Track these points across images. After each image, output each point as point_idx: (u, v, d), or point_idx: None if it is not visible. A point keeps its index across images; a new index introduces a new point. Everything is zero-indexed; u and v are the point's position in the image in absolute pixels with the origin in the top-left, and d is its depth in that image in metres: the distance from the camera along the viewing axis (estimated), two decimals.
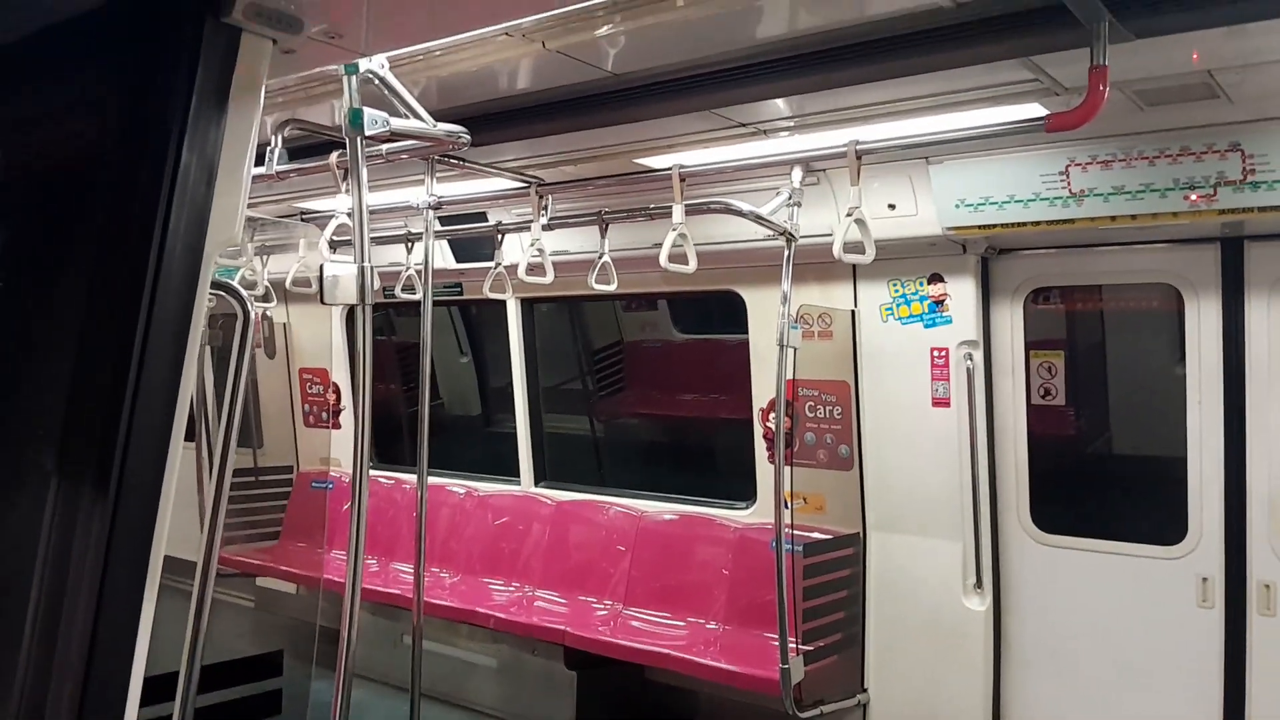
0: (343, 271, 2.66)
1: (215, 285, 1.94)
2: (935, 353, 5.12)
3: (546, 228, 5.17)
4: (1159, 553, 4.75)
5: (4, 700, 1.93)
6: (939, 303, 5.10)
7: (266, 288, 6.05)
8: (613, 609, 6.17)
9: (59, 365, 2.20)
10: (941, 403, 5.12)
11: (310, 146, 4.40)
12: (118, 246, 2.03)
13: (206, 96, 1.93)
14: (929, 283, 5.11)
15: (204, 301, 1.99)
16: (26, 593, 1.95)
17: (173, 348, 1.93)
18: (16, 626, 1.95)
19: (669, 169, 4.61)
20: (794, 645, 4.85)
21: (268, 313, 7.06)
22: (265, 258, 6.47)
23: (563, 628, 5.87)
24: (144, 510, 1.89)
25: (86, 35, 2.18)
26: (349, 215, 3.82)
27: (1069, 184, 4.38)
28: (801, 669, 4.88)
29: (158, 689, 1.92)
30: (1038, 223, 4.52)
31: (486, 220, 5.93)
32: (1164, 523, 4.76)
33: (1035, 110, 3.75)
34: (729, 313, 6.11)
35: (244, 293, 2.02)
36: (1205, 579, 4.63)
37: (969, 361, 5.06)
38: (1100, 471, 5.45)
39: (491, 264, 5.65)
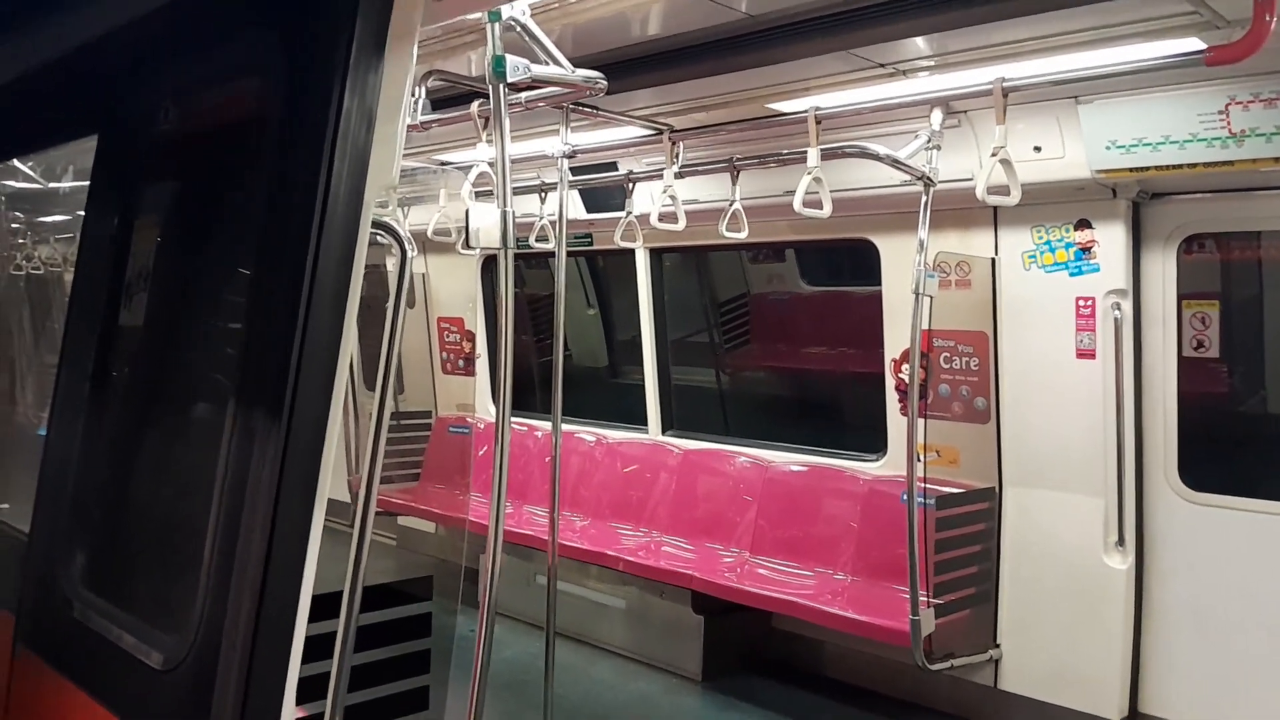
0: (485, 218, 2.73)
1: (375, 225, 2.02)
2: (1081, 302, 4.93)
3: (678, 175, 5.18)
4: None
5: (188, 612, 2.09)
6: (1086, 250, 4.89)
7: (408, 238, 6.24)
8: (740, 557, 6.22)
9: (233, 309, 2.34)
10: (1086, 354, 4.94)
11: (447, 98, 4.50)
12: (284, 193, 2.13)
13: (365, 45, 2.00)
14: (1076, 229, 4.91)
15: (364, 247, 2.07)
16: (208, 518, 2.10)
17: (336, 291, 2.02)
18: (199, 548, 2.10)
19: (803, 112, 4.54)
20: (925, 598, 4.81)
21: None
22: (406, 209, 6.67)
23: (690, 572, 5.96)
24: (312, 443, 2.00)
25: None
26: (489, 164, 3.92)
27: (1229, 123, 4.14)
28: (932, 621, 4.84)
29: (320, 608, 2.05)
30: (1194, 165, 4.28)
31: (616, 170, 5.97)
32: None
33: (1194, 44, 3.54)
34: (858, 264, 6.01)
35: (402, 232, 2.10)
36: None
37: (1117, 312, 4.85)
38: (1256, 427, 5.18)
39: (621, 214, 5.69)
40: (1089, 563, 5.01)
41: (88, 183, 2.95)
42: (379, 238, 2.13)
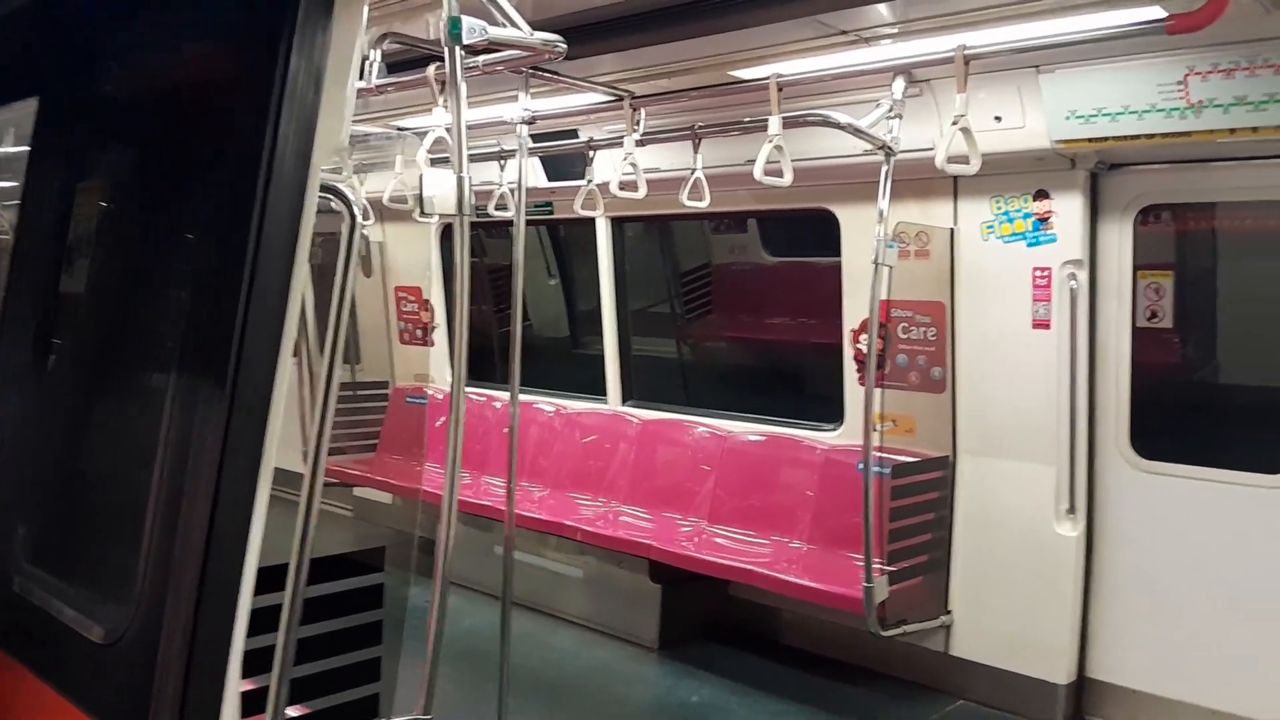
0: (442, 184, 2.68)
1: (323, 189, 1.96)
2: (1037, 273, 4.97)
3: (639, 143, 5.13)
4: (1269, 481, 4.57)
5: (130, 586, 2.04)
6: (1044, 220, 4.92)
7: (364, 206, 6.14)
8: (697, 526, 6.24)
9: (177, 275, 2.27)
10: (1042, 324, 4.98)
11: (404, 63, 4.40)
12: (229, 156, 2.07)
13: (313, 3, 1.93)
14: (1034, 199, 4.94)
15: (312, 210, 2.02)
16: (150, 489, 2.05)
17: (283, 255, 1.96)
18: (141, 520, 2.05)
19: (765, 79, 4.50)
20: (879, 565, 4.86)
21: (365, 231, 7.18)
22: (362, 176, 6.55)
23: (648, 542, 5.96)
24: (258, 412, 1.95)
25: None
26: (446, 130, 3.84)
27: (1187, 94, 4.17)
28: (885, 589, 4.89)
29: (270, 580, 2.01)
30: (1152, 135, 4.31)
31: (577, 137, 5.90)
32: (1276, 451, 4.58)
33: (1155, 12, 3.55)
34: (820, 235, 6.00)
35: (349, 194, 2.04)
36: None
37: (1073, 282, 4.89)
38: (1207, 397, 5.26)
39: (583, 182, 5.63)
40: (1040, 530, 5.08)
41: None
42: (333, 204, 2.08)
